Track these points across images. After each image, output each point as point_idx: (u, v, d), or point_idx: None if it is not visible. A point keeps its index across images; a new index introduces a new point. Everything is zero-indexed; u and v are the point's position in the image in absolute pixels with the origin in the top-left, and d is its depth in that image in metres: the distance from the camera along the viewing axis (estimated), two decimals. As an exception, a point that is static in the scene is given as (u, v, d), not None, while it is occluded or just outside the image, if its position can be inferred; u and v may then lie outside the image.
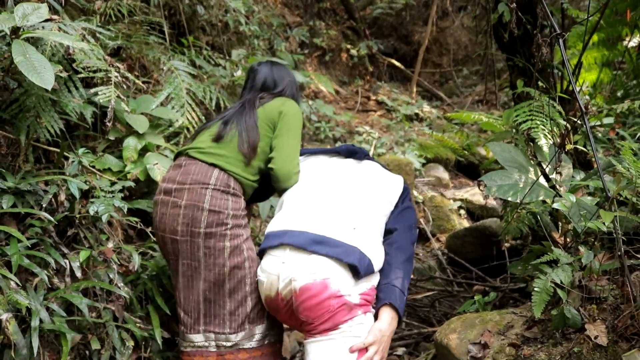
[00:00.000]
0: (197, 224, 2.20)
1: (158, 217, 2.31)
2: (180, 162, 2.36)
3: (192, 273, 2.24)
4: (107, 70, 3.19)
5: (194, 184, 2.24)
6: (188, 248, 2.22)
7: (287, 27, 7.64)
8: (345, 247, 2.03)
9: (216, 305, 2.22)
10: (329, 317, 1.96)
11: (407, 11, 11.48)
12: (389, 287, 2.08)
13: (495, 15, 2.98)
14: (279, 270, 2.05)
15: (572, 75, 2.26)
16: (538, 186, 2.21)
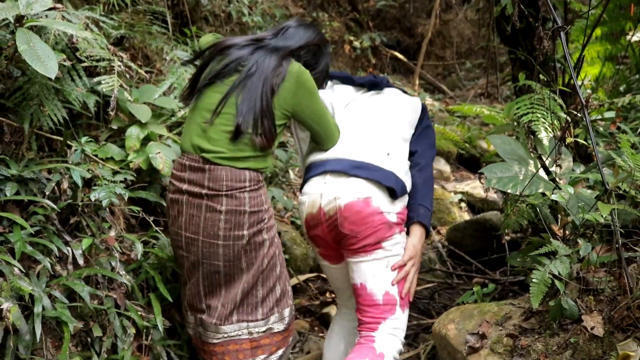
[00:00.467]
0: (241, 227, 2.19)
1: (185, 218, 2.24)
2: (200, 165, 2.21)
3: (233, 271, 2.24)
4: (110, 59, 3.20)
5: (230, 190, 2.18)
6: (230, 252, 2.20)
7: (290, 17, 7.63)
8: (383, 172, 2.23)
9: (250, 295, 2.26)
10: (371, 232, 2.19)
11: (411, 3, 11.45)
12: (416, 207, 2.35)
13: (497, 8, 2.98)
14: (322, 190, 2.25)
15: (574, 69, 2.26)
16: (538, 179, 2.22)
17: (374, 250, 2.22)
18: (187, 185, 2.23)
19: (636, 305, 1.76)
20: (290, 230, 4.26)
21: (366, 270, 2.24)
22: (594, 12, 3.76)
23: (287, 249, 4.06)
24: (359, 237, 2.20)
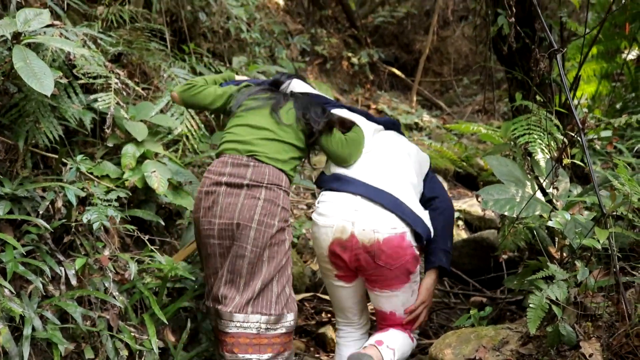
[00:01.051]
0: (273, 216, 2.41)
1: (221, 206, 2.42)
2: (244, 162, 2.48)
3: (256, 260, 2.38)
4: (108, 76, 3.20)
5: (270, 184, 2.44)
6: (259, 237, 2.37)
7: (288, 34, 7.66)
8: (415, 216, 2.40)
9: (267, 289, 2.40)
10: (403, 264, 2.36)
11: (409, 20, 11.52)
12: (438, 251, 2.51)
13: (494, 28, 2.99)
14: (354, 218, 2.35)
15: (570, 90, 2.26)
16: (535, 201, 2.21)
17: (404, 285, 2.43)
18: (227, 177, 2.46)
19: (635, 332, 1.73)
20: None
21: (397, 301, 2.48)
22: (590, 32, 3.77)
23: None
24: (392, 268, 2.37)
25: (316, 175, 2.70)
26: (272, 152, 2.51)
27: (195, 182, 3.32)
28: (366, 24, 10.79)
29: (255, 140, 2.53)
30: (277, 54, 6.47)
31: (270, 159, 2.49)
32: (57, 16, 3.75)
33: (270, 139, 2.54)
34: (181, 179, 3.18)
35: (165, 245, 3.29)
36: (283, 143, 2.56)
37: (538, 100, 2.64)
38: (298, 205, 5.29)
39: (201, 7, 5.16)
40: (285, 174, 2.53)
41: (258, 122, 2.58)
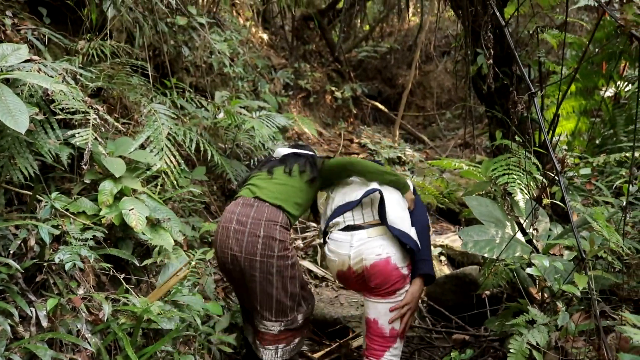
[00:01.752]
0: (272, 249, 2.85)
1: (232, 240, 2.89)
2: (251, 202, 2.97)
3: (265, 283, 2.87)
4: (86, 112, 3.17)
5: (268, 221, 2.87)
6: (264, 266, 2.84)
7: (272, 68, 7.70)
8: (401, 231, 2.70)
9: (280, 303, 2.92)
10: (392, 284, 2.70)
11: (392, 55, 11.68)
12: (419, 261, 2.76)
13: (474, 68, 3.01)
14: (349, 252, 2.76)
15: (549, 130, 2.27)
16: (515, 242, 2.19)
17: (389, 296, 2.73)
18: (237, 216, 2.92)
19: (616, 378, 1.71)
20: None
21: (380, 309, 2.77)
22: (568, 71, 3.83)
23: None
24: (382, 288, 2.73)
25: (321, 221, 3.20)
26: (274, 193, 2.98)
27: (174, 218, 3.27)
28: (350, 59, 10.93)
29: (263, 184, 3.05)
30: (260, 88, 6.49)
31: (271, 199, 2.95)
32: (38, 50, 3.74)
33: (276, 184, 3.04)
34: (160, 216, 3.13)
35: (142, 283, 3.22)
36: (287, 186, 3.03)
37: (517, 140, 2.65)
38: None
39: (184, 41, 5.18)
40: (283, 211, 2.93)
41: (263, 176, 3.13)
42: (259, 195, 2.98)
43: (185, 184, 4.13)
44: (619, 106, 5.94)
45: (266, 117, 4.83)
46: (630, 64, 5.95)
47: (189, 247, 3.94)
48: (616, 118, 5.81)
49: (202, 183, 4.62)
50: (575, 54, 6.08)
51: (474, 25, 2.92)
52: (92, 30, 4.13)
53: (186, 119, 4.68)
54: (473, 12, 2.93)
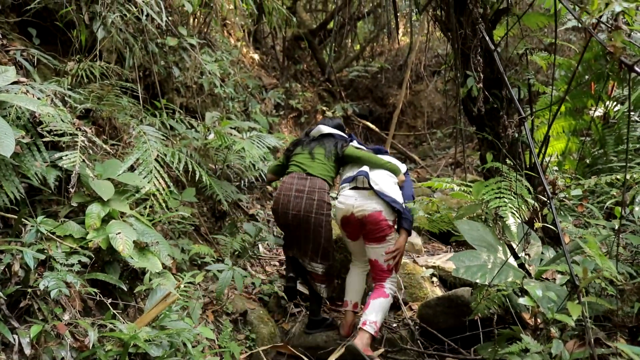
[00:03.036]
0: (322, 209, 3.92)
1: (292, 204, 3.92)
2: (304, 176, 4.03)
3: (315, 233, 3.93)
4: (74, 134, 3.14)
5: (320, 189, 3.96)
6: (316, 221, 3.90)
7: (263, 88, 7.70)
8: (391, 199, 3.75)
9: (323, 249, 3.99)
10: (381, 230, 3.75)
11: (383, 74, 11.74)
12: (402, 219, 3.82)
13: (464, 90, 3.01)
14: (354, 203, 3.81)
15: (539, 153, 2.25)
16: (507, 267, 2.17)
17: (381, 242, 3.79)
18: (295, 186, 3.97)
19: (611, 408, 1.68)
20: (258, 308, 4.12)
21: (377, 252, 3.84)
22: (557, 92, 3.84)
23: (254, 328, 3.91)
24: (375, 230, 3.76)
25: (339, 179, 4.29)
26: (319, 170, 4.07)
27: (163, 242, 3.22)
28: (341, 78, 10.96)
29: (310, 163, 4.10)
30: (251, 108, 6.47)
31: (318, 174, 4.04)
32: (27, 71, 3.71)
33: (318, 163, 4.10)
34: (147, 239, 3.09)
35: (129, 308, 3.16)
36: (324, 164, 4.10)
37: (508, 163, 2.64)
38: (270, 262, 5.19)
39: (175, 62, 5.17)
40: (327, 182, 4.06)
41: (303, 157, 4.17)
42: (310, 171, 4.05)
43: (174, 205, 4.09)
44: (608, 126, 5.98)
45: (257, 138, 4.81)
46: (618, 84, 6.00)
47: (178, 270, 3.89)
48: (606, 138, 5.84)
49: (192, 204, 4.58)
50: (565, 74, 6.13)
51: (464, 47, 2.92)
52: (81, 51, 4.11)
53: (176, 140, 4.65)
54: (462, 35, 2.93)
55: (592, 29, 1.52)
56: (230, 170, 5.24)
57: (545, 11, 3.77)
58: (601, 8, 1.35)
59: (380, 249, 3.82)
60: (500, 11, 3.23)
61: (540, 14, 3.31)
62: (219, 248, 4.55)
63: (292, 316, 4.42)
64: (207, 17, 6.32)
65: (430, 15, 3.46)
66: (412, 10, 3.51)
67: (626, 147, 2.21)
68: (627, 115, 5.71)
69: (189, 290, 3.51)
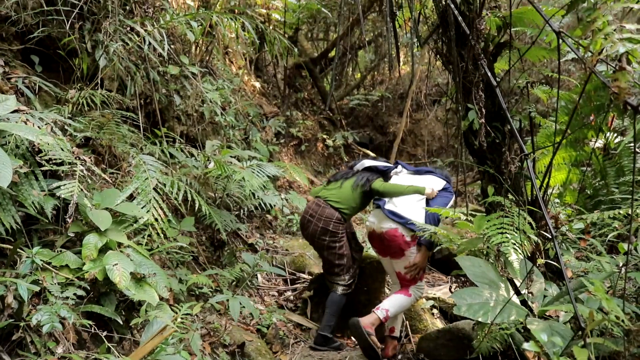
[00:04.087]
0: (326, 234, 4.38)
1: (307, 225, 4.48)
2: (321, 202, 4.47)
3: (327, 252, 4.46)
4: (73, 163, 3.12)
5: (326, 217, 4.39)
6: (321, 244, 4.44)
7: (263, 117, 7.72)
8: (405, 220, 4.06)
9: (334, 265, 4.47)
10: (398, 245, 4.07)
11: (383, 103, 11.78)
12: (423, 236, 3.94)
13: (465, 123, 3.00)
14: (374, 221, 4.28)
15: (540, 188, 2.23)
16: (510, 305, 2.13)
17: (401, 257, 4.13)
18: (311, 211, 4.48)
19: None
20: (255, 339, 4.05)
21: (399, 265, 4.17)
22: (558, 125, 3.83)
23: (251, 360, 3.85)
24: (392, 246, 4.11)
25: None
26: (338, 198, 4.45)
27: (160, 273, 3.18)
28: (341, 106, 11.00)
29: (334, 191, 4.51)
30: (251, 137, 6.48)
31: (333, 202, 4.43)
32: (28, 99, 3.72)
33: (341, 192, 4.48)
34: (145, 271, 3.05)
35: (125, 341, 3.11)
36: (349, 195, 4.46)
37: (510, 198, 2.61)
38: (269, 292, 5.13)
39: (176, 90, 5.18)
40: (339, 212, 4.41)
41: (334, 185, 4.58)
42: (327, 198, 4.47)
43: (173, 235, 4.05)
44: (608, 157, 5.97)
45: (257, 167, 4.80)
46: (618, 116, 6.01)
47: (176, 300, 3.83)
48: (607, 169, 5.83)
49: (191, 233, 4.54)
50: (565, 105, 6.15)
51: (465, 81, 2.92)
52: (83, 79, 4.12)
53: (176, 168, 4.63)
54: (464, 68, 2.93)
55: (593, 66, 1.50)
56: (230, 198, 5.22)
57: (546, 45, 3.79)
58: (605, 49, 1.35)
59: (401, 263, 4.16)
60: (501, 44, 3.24)
61: (542, 47, 3.32)
62: (217, 278, 4.50)
63: (291, 347, 4.35)
64: (209, 46, 6.36)
65: (431, 47, 3.47)
66: (414, 43, 3.53)
67: (632, 191, 2.17)
68: (628, 147, 5.71)
69: (186, 322, 3.46)
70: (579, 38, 1.65)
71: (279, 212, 6.25)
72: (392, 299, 4.18)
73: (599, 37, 1.47)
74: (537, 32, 3.48)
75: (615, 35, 1.40)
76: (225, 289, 4.44)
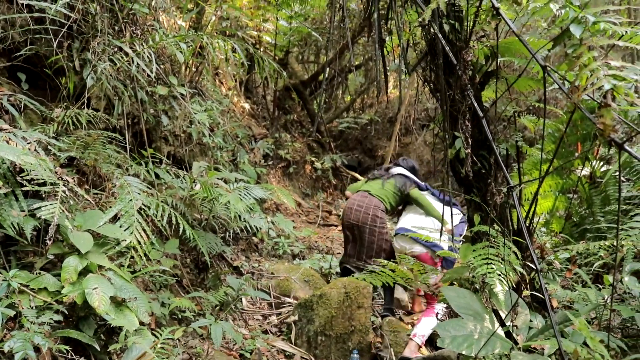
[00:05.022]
0: (375, 221, 5.14)
1: (354, 214, 5.22)
2: (366, 195, 5.33)
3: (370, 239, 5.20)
4: (55, 183, 3.07)
5: (375, 206, 5.21)
6: (369, 230, 5.16)
7: (252, 138, 7.70)
8: (430, 244, 4.75)
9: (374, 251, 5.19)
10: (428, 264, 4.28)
11: (372, 126, 11.83)
12: (446, 260, 4.78)
13: (452, 151, 3.00)
14: (405, 245, 4.96)
15: (526, 218, 2.21)
16: (494, 337, 2.10)
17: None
18: (357, 202, 5.28)
19: None
20: (238, 366, 3.99)
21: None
22: (545, 155, 3.85)
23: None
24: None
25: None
26: (380, 192, 5.29)
27: (141, 297, 3.12)
28: (330, 129, 11.02)
29: (376, 187, 5.37)
30: (239, 158, 6.45)
31: (377, 195, 5.26)
32: (13, 117, 3.67)
33: (383, 189, 5.33)
34: (125, 295, 2.99)
35: (103, 366, 3.04)
36: (389, 192, 5.31)
37: (496, 228, 2.60)
38: (253, 316, 5.07)
39: (164, 110, 5.15)
40: (382, 202, 5.25)
41: (376, 183, 5.44)
42: (371, 192, 5.29)
43: (157, 257, 4.00)
44: (595, 186, 6.01)
45: (244, 189, 4.76)
46: (604, 145, 6.07)
47: (158, 324, 3.76)
48: (593, 198, 5.86)
49: (175, 256, 4.49)
50: (551, 134, 6.20)
51: (452, 109, 2.92)
52: (69, 98, 4.08)
53: (162, 189, 4.59)
54: (451, 96, 2.94)
55: (579, 100, 1.50)
56: (216, 220, 5.17)
57: (534, 74, 3.82)
58: (590, 84, 1.35)
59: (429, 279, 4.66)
60: (488, 73, 3.26)
61: (529, 78, 3.35)
62: (201, 301, 4.44)
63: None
64: (199, 66, 6.36)
65: (419, 74, 3.48)
66: (402, 71, 3.55)
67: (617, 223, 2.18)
68: (614, 176, 5.74)
69: (167, 347, 3.39)
70: (565, 72, 1.66)
71: (265, 235, 6.20)
72: (423, 323, 4.72)
73: (585, 72, 1.47)
74: (524, 62, 3.51)
75: (600, 72, 1.40)
76: (208, 312, 4.37)
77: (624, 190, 5.80)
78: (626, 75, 1.43)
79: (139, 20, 4.86)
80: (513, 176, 5.14)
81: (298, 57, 11.54)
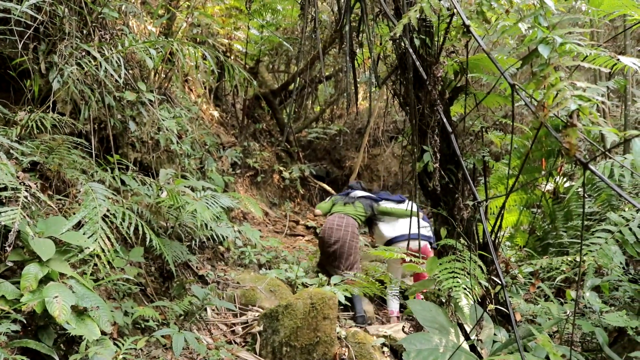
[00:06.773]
0: (353, 237, 5.84)
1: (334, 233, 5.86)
2: (342, 216, 6.02)
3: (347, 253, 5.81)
4: (17, 188, 3.00)
5: (352, 225, 5.93)
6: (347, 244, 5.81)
7: (220, 146, 7.65)
8: (428, 237, 5.44)
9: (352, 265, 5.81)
10: (428, 255, 5.00)
11: (341, 137, 11.88)
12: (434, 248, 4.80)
13: (420, 164, 3.02)
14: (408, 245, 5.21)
15: (492, 232, 2.24)
16: (459, 351, 2.12)
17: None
18: (336, 221, 5.93)
19: None
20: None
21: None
22: (511, 171, 3.92)
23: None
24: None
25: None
26: (354, 213, 6.00)
27: (103, 306, 3.05)
28: (299, 139, 11.03)
29: (349, 209, 6.06)
30: (207, 166, 6.39)
31: (352, 215, 5.96)
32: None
33: (354, 210, 6.05)
34: (87, 304, 2.92)
35: (61, 377, 2.96)
36: (358, 212, 6.06)
37: (462, 242, 2.63)
38: (218, 325, 5.00)
39: (132, 116, 5.08)
40: (356, 220, 5.96)
41: (349, 206, 6.17)
42: (347, 213, 6.01)
43: (121, 265, 3.92)
44: (558, 201, 6.15)
45: (211, 198, 4.72)
46: (568, 162, 6.22)
47: (120, 334, 3.69)
48: (556, 213, 5.99)
49: (139, 264, 4.41)
50: (517, 149, 6.33)
51: (421, 123, 2.95)
52: (34, 101, 4.00)
53: (128, 196, 4.51)
54: (420, 111, 2.97)
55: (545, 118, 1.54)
56: (182, 228, 5.10)
57: (502, 91, 3.90)
58: (556, 104, 1.38)
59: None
60: (457, 89, 3.31)
61: (497, 94, 3.41)
62: (165, 310, 4.36)
63: (237, 386, 4.22)
64: (168, 73, 6.29)
65: (389, 87, 3.52)
66: (372, 83, 3.58)
67: (581, 236, 2.23)
68: (576, 192, 5.88)
69: (129, 357, 3.32)
70: (533, 91, 1.69)
71: (231, 244, 6.15)
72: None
73: (552, 92, 1.51)
74: (492, 78, 3.58)
75: (567, 92, 1.43)
76: (172, 322, 4.30)
77: (586, 206, 5.95)
78: (590, 96, 1.47)
79: (109, 25, 4.79)
80: (479, 190, 5.23)
81: (269, 67, 11.54)
